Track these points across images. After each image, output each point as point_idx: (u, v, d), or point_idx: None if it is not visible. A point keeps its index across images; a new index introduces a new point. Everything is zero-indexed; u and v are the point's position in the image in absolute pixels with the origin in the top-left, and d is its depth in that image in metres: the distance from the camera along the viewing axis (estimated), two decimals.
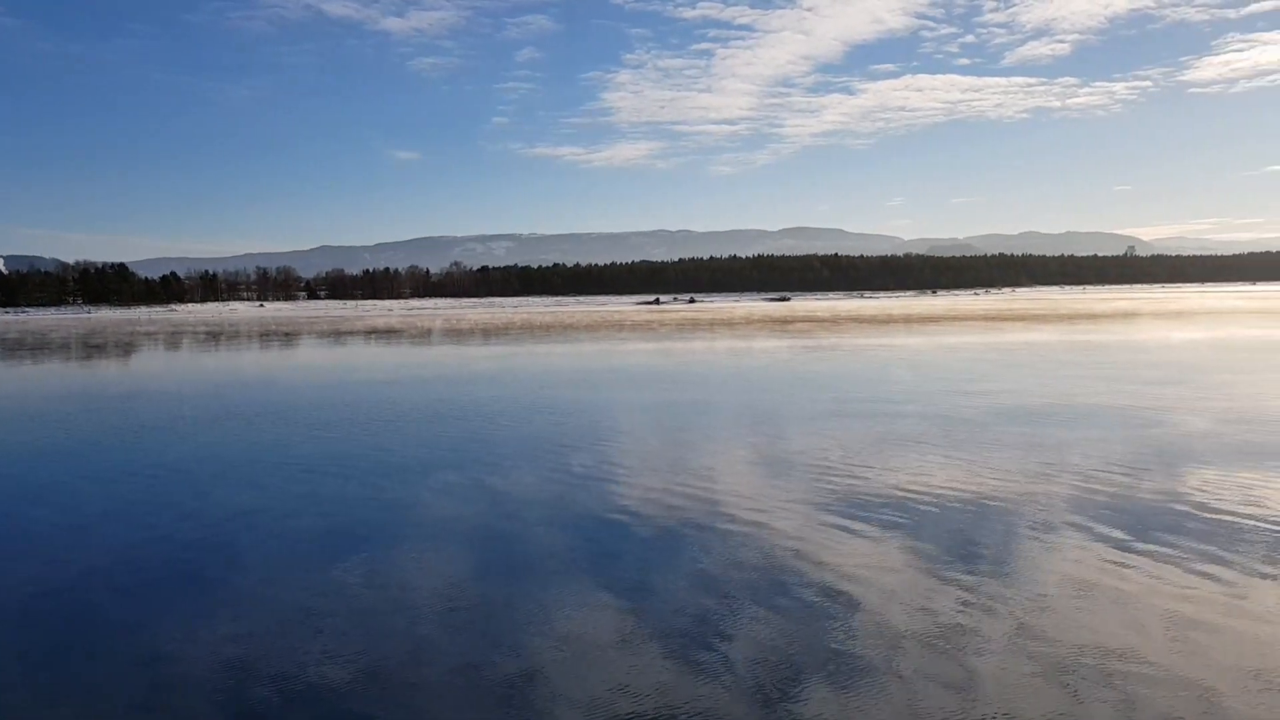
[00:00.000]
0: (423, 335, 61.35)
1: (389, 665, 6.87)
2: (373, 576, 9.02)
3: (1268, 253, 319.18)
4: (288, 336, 62.86)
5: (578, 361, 37.42)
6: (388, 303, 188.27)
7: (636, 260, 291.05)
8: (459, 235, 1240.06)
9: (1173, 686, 6.13)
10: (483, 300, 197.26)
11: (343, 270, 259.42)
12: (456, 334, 62.43)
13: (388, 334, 63.74)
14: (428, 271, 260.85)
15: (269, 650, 7.20)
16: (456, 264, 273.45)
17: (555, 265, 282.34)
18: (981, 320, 68.52)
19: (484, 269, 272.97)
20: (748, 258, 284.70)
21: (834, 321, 71.10)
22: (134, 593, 8.79)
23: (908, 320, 70.82)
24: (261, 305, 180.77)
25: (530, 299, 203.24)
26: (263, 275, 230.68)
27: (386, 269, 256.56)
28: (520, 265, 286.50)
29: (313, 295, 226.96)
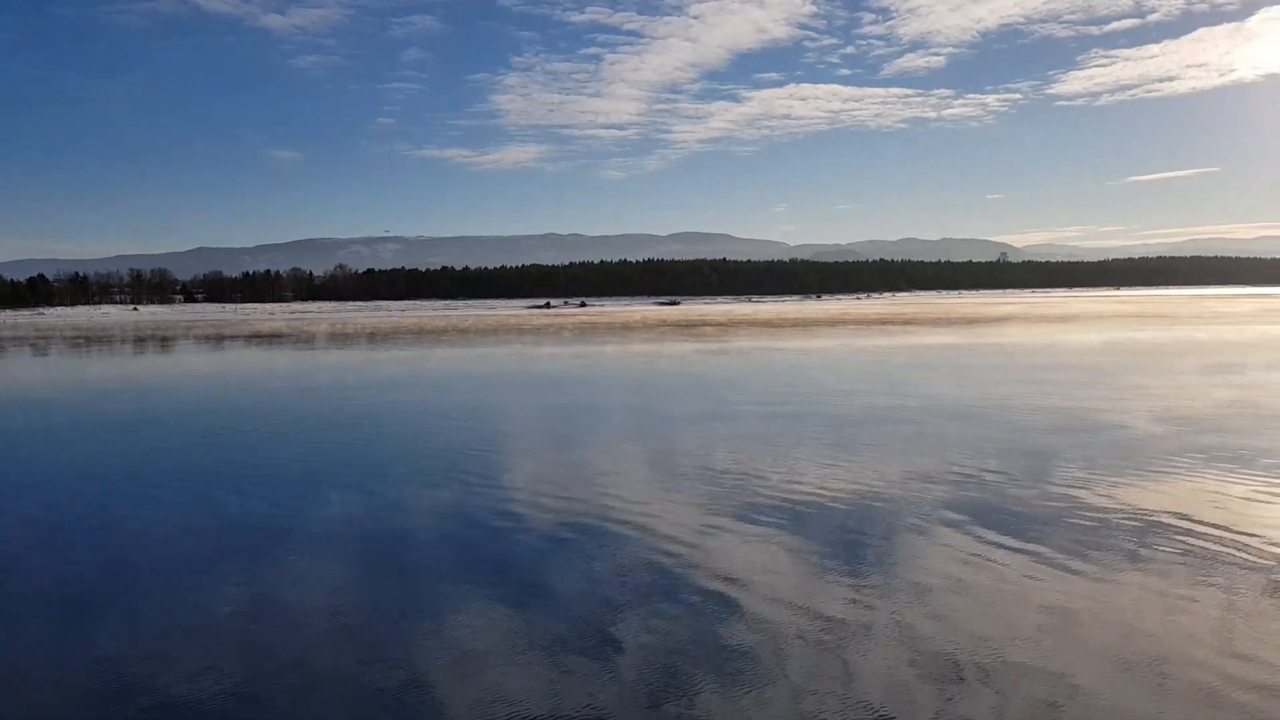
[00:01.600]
0: (308, 340, 59.16)
1: (275, 679, 6.50)
2: (262, 588, 8.47)
3: (1130, 259, 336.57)
4: (165, 342, 59.86)
5: (472, 365, 36.32)
6: (269, 306, 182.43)
7: (527, 264, 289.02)
8: (344, 237, 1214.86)
9: (1044, 676, 6.23)
10: (369, 304, 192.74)
11: (221, 273, 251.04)
12: (344, 338, 60.38)
13: (272, 338, 61.30)
14: (311, 274, 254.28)
15: (152, 670, 6.67)
16: (341, 267, 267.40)
17: (444, 268, 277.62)
18: (878, 324, 69.45)
19: (370, 272, 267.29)
20: (638, 262, 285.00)
21: (733, 325, 71.26)
22: (8, 613, 7.89)
23: (805, 324, 71.39)
24: (135, 309, 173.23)
25: (419, 302, 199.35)
26: (136, 277, 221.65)
27: (268, 271, 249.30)
28: (408, 268, 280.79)
29: (189, 298, 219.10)
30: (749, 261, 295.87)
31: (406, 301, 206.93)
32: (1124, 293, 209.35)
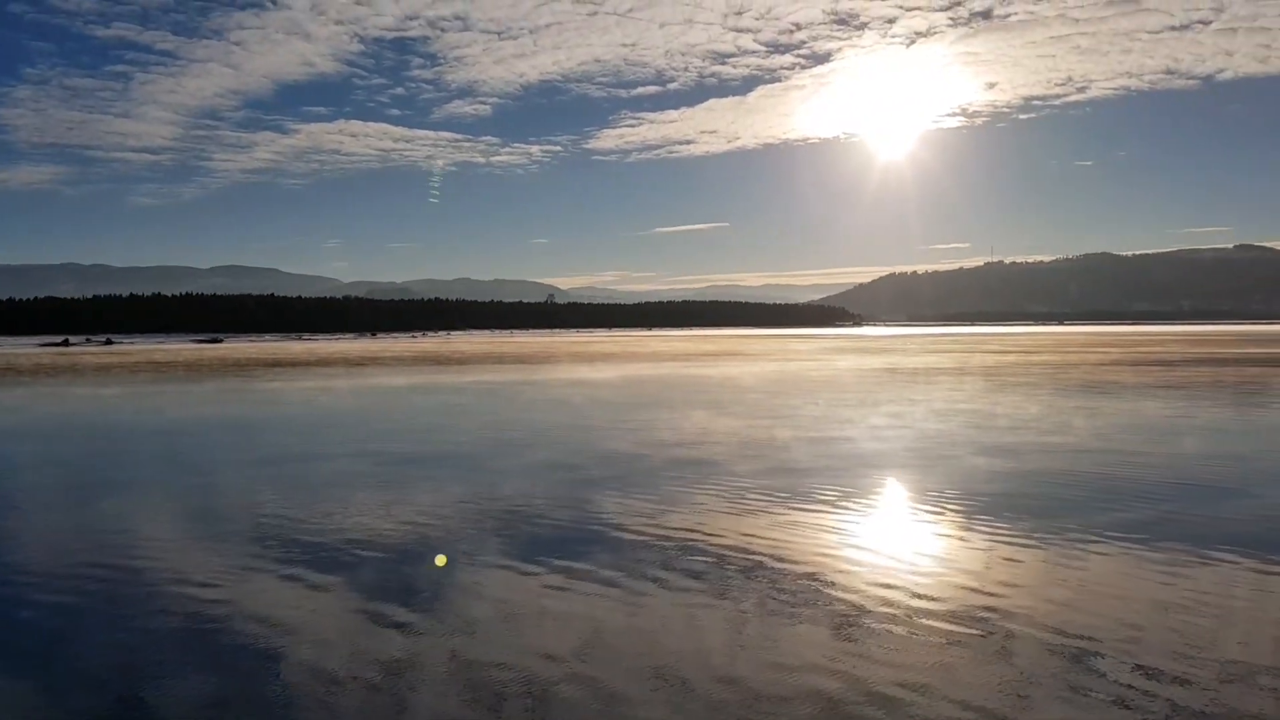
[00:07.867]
0: None
1: None
2: None
3: (662, 302, 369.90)
4: None
5: None
6: None
7: (41, 296, 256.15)
8: None
9: (583, 689, 6.72)
10: None
11: None
12: None
13: None
14: None
15: None
16: None
17: None
18: (482, 363, 69.73)
19: None
20: (174, 296, 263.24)
21: (302, 364, 68.10)
22: None
23: (355, 363, 70.00)
24: None
25: None
26: None
27: None
28: None
29: None
30: (300, 297, 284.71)
31: None
32: (657, 332, 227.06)
